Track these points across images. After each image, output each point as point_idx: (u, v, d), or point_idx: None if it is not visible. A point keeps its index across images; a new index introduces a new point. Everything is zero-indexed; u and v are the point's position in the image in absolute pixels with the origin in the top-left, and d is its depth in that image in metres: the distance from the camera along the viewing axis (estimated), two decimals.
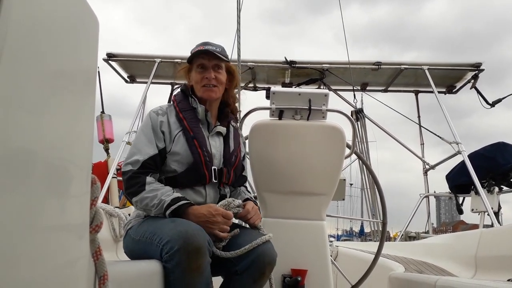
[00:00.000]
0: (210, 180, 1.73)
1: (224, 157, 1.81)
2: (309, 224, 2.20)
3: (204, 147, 1.73)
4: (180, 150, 1.70)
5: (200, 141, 1.73)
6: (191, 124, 1.76)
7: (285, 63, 5.26)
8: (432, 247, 3.56)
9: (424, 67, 5.12)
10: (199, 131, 1.76)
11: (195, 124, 1.77)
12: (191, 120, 1.77)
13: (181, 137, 1.73)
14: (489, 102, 5.01)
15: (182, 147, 1.71)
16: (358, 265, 2.84)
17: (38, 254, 0.60)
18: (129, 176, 1.64)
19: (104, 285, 0.82)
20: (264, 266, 1.62)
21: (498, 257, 2.48)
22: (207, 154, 1.73)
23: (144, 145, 1.69)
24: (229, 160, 1.81)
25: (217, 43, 1.88)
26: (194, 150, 1.71)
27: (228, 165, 1.80)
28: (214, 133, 1.83)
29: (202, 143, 1.73)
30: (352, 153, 2.40)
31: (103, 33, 0.77)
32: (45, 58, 0.62)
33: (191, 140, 1.72)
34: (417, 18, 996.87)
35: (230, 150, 1.84)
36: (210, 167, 1.73)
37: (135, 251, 1.63)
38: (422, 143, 5.87)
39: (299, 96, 2.18)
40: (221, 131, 1.86)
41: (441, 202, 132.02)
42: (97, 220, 0.78)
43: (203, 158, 1.71)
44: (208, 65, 1.81)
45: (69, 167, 0.69)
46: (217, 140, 1.84)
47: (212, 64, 1.81)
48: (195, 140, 1.72)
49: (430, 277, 1.79)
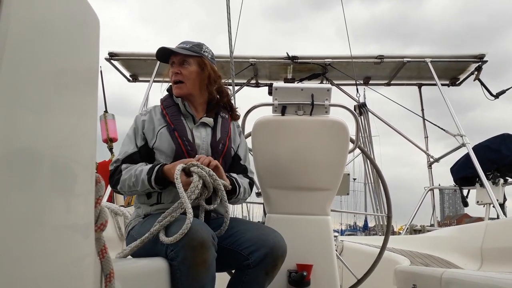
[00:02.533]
0: None
1: (212, 146, 1.83)
2: (314, 219, 2.20)
3: (184, 137, 1.78)
4: (164, 143, 1.77)
5: (180, 132, 1.79)
6: (172, 118, 1.83)
7: (287, 58, 5.25)
8: (437, 240, 3.56)
9: (427, 60, 5.09)
10: (179, 122, 1.82)
11: (177, 117, 1.84)
12: (172, 114, 1.84)
13: (163, 131, 1.80)
14: (493, 93, 4.99)
15: (165, 139, 1.77)
16: (363, 259, 2.84)
17: (44, 253, 0.60)
18: (111, 173, 1.77)
19: (110, 283, 0.82)
20: (277, 258, 1.63)
21: (504, 248, 2.47)
22: (188, 143, 1.77)
23: (125, 146, 1.82)
24: (216, 148, 1.83)
25: (194, 41, 1.95)
26: (175, 141, 1.76)
27: (215, 153, 1.82)
28: (199, 125, 1.87)
29: (182, 133, 1.79)
30: (355, 148, 2.39)
31: (107, 33, 0.78)
32: (47, 58, 0.62)
33: (172, 132, 1.78)
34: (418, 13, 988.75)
35: (216, 139, 1.86)
36: (193, 156, 1.73)
37: (140, 251, 1.64)
38: (426, 136, 5.85)
39: (302, 91, 2.17)
40: (207, 122, 1.88)
41: (445, 196, 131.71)
42: (102, 218, 0.78)
43: (184, 148, 1.75)
44: (176, 61, 1.90)
45: (73, 166, 0.70)
46: (203, 131, 1.86)
47: (178, 60, 1.88)
48: (175, 131, 1.79)
49: (436, 270, 1.79)
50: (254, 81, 5.76)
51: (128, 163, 1.76)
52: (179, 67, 1.87)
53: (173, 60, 1.90)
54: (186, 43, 1.93)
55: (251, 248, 1.61)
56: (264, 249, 1.61)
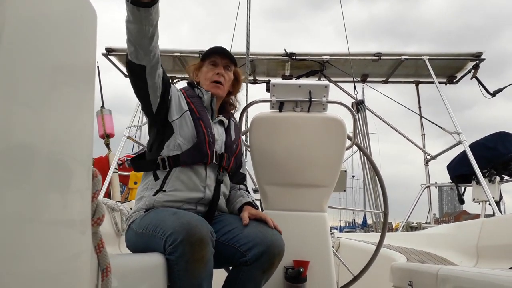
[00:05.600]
0: (212, 160, 1.78)
1: (226, 144, 1.88)
2: (311, 215, 2.21)
3: (208, 128, 1.81)
4: (188, 126, 1.77)
5: (205, 123, 1.81)
6: (197, 107, 1.84)
7: (285, 55, 5.23)
8: (433, 237, 3.57)
9: (425, 58, 5.09)
10: (204, 114, 1.85)
11: (201, 108, 1.86)
12: (197, 105, 1.86)
13: (188, 115, 1.80)
14: (490, 91, 5.00)
15: (190, 124, 1.78)
16: (360, 256, 2.85)
17: (41, 248, 0.60)
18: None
19: (107, 277, 0.82)
20: (274, 256, 1.64)
21: (500, 246, 2.49)
22: (211, 135, 1.80)
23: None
24: (230, 147, 1.89)
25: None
26: (199, 129, 1.77)
27: (229, 152, 1.87)
28: (216, 122, 1.93)
29: (207, 125, 1.81)
30: (353, 145, 2.39)
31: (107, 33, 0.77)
32: (43, 52, 0.61)
33: (197, 121, 1.80)
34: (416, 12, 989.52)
35: (231, 139, 1.93)
36: (213, 148, 1.79)
37: (138, 244, 1.64)
38: (423, 133, 5.86)
39: (300, 88, 2.17)
40: (223, 121, 1.95)
41: (443, 193, 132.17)
42: (99, 213, 0.78)
43: (207, 138, 1.77)
44: (220, 63, 1.94)
45: (70, 161, 0.69)
46: (219, 128, 1.93)
47: (223, 63, 1.94)
48: (201, 121, 1.80)
49: (432, 267, 1.80)
50: (252, 78, 5.75)
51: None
52: (224, 70, 1.94)
53: (217, 61, 1.94)
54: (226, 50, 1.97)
55: (248, 245, 1.62)
56: (261, 246, 1.61)
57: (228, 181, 1.90)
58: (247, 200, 1.89)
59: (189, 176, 1.73)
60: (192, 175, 1.74)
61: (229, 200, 1.94)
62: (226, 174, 1.88)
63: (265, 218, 1.74)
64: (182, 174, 1.73)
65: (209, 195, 1.77)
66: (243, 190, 2.00)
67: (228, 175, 1.90)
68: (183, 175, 1.73)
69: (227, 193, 1.90)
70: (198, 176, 1.75)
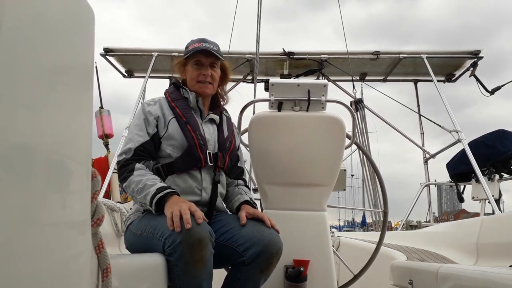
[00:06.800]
0: (206, 163, 1.76)
1: (219, 142, 1.86)
2: (311, 215, 2.21)
3: (197, 131, 1.78)
4: (174, 134, 1.75)
5: (193, 126, 1.78)
6: (183, 111, 1.82)
7: (283, 54, 5.23)
8: (433, 236, 3.57)
9: (423, 56, 5.08)
10: (191, 116, 1.82)
11: (187, 111, 1.83)
12: (183, 107, 1.83)
13: (174, 122, 1.78)
14: (489, 89, 5.00)
15: (176, 131, 1.76)
16: (360, 255, 2.85)
17: (41, 249, 0.60)
18: (122, 164, 1.71)
19: (107, 278, 0.82)
20: (272, 256, 1.63)
21: (499, 244, 2.49)
22: (201, 138, 1.78)
23: (136, 134, 1.75)
24: (224, 145, 1.86)
25: (213, 41, 1.93)
26: (187, 134, 1.75)
27: (223, 150, 1.85)
28: (207, 120, 1.89)
29: (195, 127, 1.78)
30: (352, 144, 2.39)
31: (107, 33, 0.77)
32: (41, 52, 0.61)
33: (184, 125, 1.77)
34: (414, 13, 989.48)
35: (224, 136, 1.89)
36: (205, 151, 1.77)
37: (137, 246, 1.64)
38: (422, 132, 5.86)
39: (298, 87, 2.17)
40: (214, 119, 1.92)
41: (443, 192, 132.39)
42: (99, 213, 0.78)
43: (197, 142, 1.75)
44: (205, 62, 1.87)
45: (69, 162, 0.69)
46: (210, 126, 1.89)
47: (208, 62, 1.87)
48: (188, 125, 1.78)
49: (432, 265, 1.80)
50: (250, 77, 5.74)
51: (140, 154, 1.70)
52: (210, 69, 1.87)
53: (202, 61, 1.86)
54: (210, 43, 1.89)
55: (246, 244, 1.61)
56: (258, 246, 1.60)
57: (224, 180, 1.89)
58: (245, 198, 1.88)
59: (185, 180, 1.74)
60: (188, 179, 1.75)
61: (227, 197, 1.94)
62: (222, 173, 1.87)
63: (262, 217, 1.73)
64: (178, 179, 1.74)
65: (206, 198, 1.77)
66: (241, 186, 1.98)
67: (224, 173, 1.89)
68: (179, 179, 1.74)
69: (224, 193, 1.90)
70: (194, 180, 1.75)
